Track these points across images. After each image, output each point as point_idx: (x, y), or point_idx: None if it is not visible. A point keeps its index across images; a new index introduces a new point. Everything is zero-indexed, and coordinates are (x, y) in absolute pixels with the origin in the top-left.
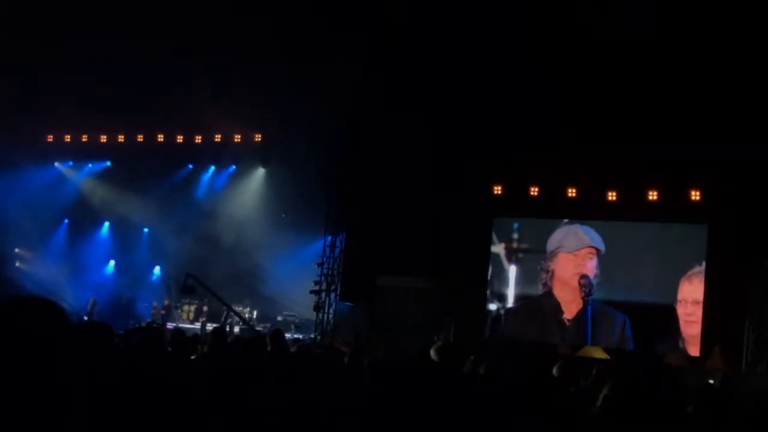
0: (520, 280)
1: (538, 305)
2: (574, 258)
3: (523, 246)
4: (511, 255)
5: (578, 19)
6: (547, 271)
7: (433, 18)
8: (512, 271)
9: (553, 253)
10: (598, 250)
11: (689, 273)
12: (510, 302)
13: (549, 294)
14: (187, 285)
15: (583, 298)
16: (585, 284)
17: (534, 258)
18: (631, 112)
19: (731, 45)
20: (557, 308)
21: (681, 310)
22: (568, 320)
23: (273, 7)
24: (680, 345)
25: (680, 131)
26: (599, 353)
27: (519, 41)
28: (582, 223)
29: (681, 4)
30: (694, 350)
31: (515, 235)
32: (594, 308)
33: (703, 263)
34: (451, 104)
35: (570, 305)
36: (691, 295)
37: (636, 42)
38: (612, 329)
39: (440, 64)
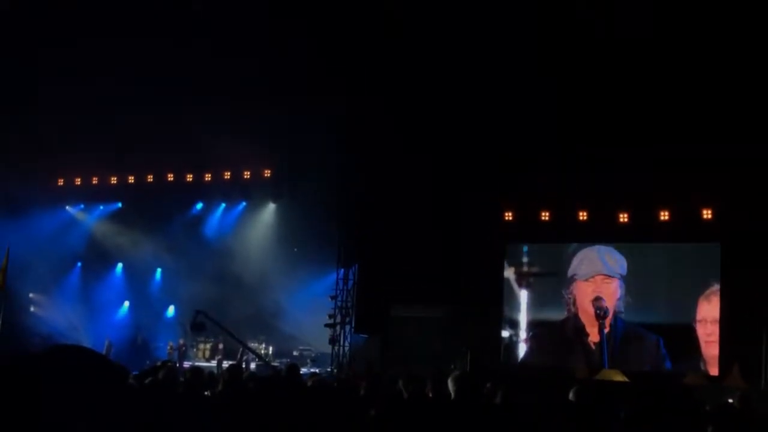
0: (532, 304)
1: (561, 330)
2: (589, 285)
3: (534, 270)
4: (522, 279)
5: (582, 37)
6: (570, 297)
7: (437, 47)
8: (523, 295)
9: (572, 280)
10: (611, 276)
11: (707, 292)
12: (522, 328)
13: (574, 318)
14: (197, 322)
15: (598, 321)
16: (599, 307)
17: (545, 282)
18: (640, 133)
19: (745, 55)
20: (582, 331)
21: (701, 330)
22: (594, 343)
23: (279, 43)
24: (702, 367)
25: (688, 150)
26: (618, 376)
27: (524, 65)
28: (605, 245)
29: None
30: (714, 370)
31: (525, 259)
32: (625, 330)
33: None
34: (459, 132)
35: (593, 329)
36: (710, 314)
37: (646, 61)
38: (645, 350)
39: (447, 92)
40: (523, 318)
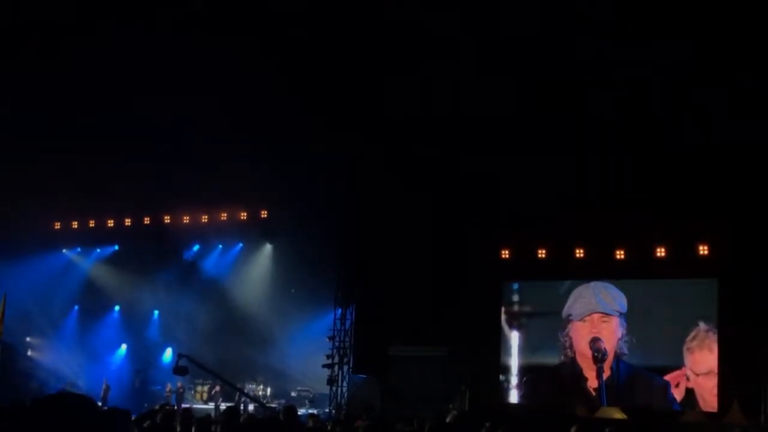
0: (525, 347)
1: (557, 375)
2: (585, 325)
3: (525, 309)
4: (513, 320)
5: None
6: (566, 340)
7: (436, 86)
8: (515, 337)
9: (567, 321)
10: (608, 314)
11: (706, 329)
12: (514, 373)
13: (571, 362)
14: (179, 366)
15: (596, 364)
16: (596, 349)
17: (539, 323)
18: (635, 168)
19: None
20: (579, 376)
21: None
22: (594, 389)
23: (274, 84)
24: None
25: (685, 185)
26: (617, 413)
27: (522, 100)
28: (602, 280)
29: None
30: (714, 407)
31: (515, 297)
32: (629, 374)
33: (715, 319)
34: (455, 170)
35: (591, 373)
36: (710, 353)
37: (636, 100)
38: (652, 396)
39: (445, 132)
40: (514, 362)
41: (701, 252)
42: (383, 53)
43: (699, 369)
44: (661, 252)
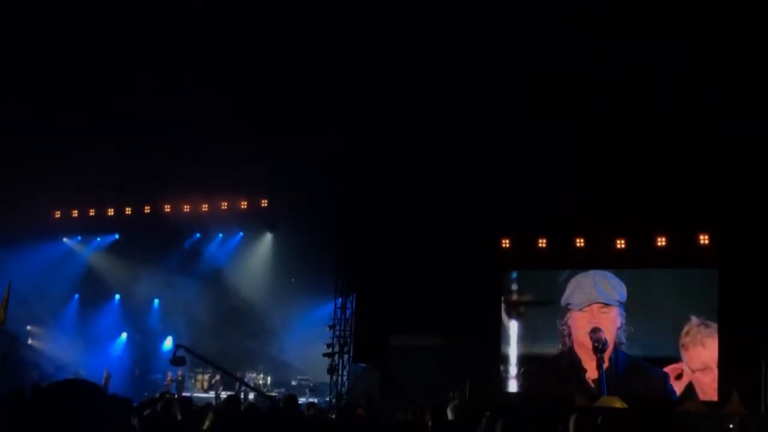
0: (523, 337)
1: (555, 366)
2: (585, 315)
3: (525, 298)
4: (511, 309)
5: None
6: (565, 329)
7: (436, 79)
8: (513, 327)
9: (566, 310)
10: (608, 304)
11: (704, 320)
12: (512, 363)
13: (569, 352)
14: (177, 356)
15: (596, 354)
16: (597, 339)
17: (538, 311)
18: (635, 168)
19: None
20: (578, 367)
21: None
22: (592, 380)
23: (275, 75)
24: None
25: (685, 185)
26: (617, 403)
27: (522, 100)
28: (601, 270)
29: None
30: (714, 397)
31: (514, 287)
32: (627, 364)
33: (710, 311)
34: (458, 161)
35: (591, 363)
36: (711, 343)
37: (638, 87)
38: (651, 387)
39: (444, 131)
40: (513, 352)
41: (702, 241)
42: (383, 53)
43: (694, 365)
44: (661, 242)
